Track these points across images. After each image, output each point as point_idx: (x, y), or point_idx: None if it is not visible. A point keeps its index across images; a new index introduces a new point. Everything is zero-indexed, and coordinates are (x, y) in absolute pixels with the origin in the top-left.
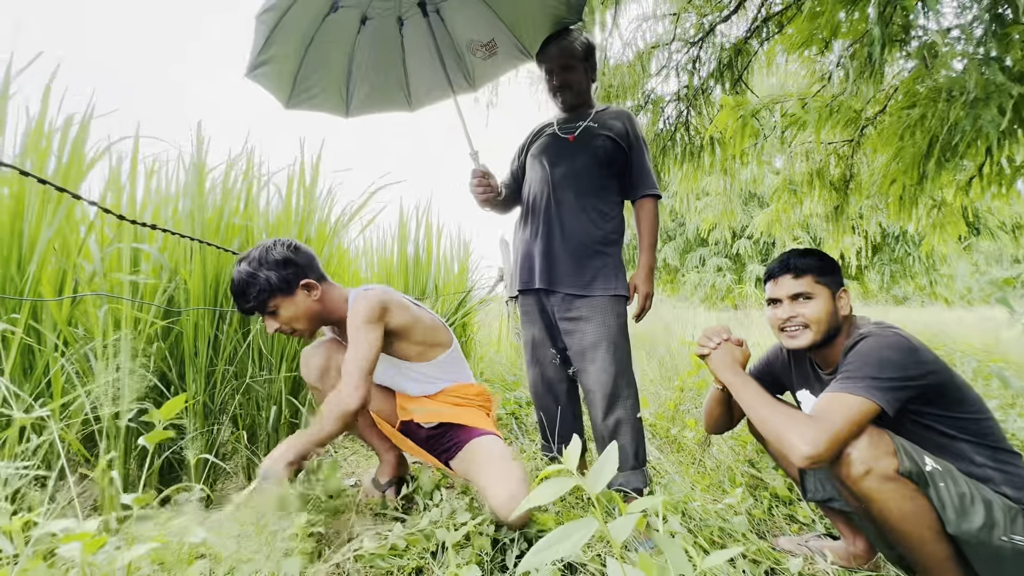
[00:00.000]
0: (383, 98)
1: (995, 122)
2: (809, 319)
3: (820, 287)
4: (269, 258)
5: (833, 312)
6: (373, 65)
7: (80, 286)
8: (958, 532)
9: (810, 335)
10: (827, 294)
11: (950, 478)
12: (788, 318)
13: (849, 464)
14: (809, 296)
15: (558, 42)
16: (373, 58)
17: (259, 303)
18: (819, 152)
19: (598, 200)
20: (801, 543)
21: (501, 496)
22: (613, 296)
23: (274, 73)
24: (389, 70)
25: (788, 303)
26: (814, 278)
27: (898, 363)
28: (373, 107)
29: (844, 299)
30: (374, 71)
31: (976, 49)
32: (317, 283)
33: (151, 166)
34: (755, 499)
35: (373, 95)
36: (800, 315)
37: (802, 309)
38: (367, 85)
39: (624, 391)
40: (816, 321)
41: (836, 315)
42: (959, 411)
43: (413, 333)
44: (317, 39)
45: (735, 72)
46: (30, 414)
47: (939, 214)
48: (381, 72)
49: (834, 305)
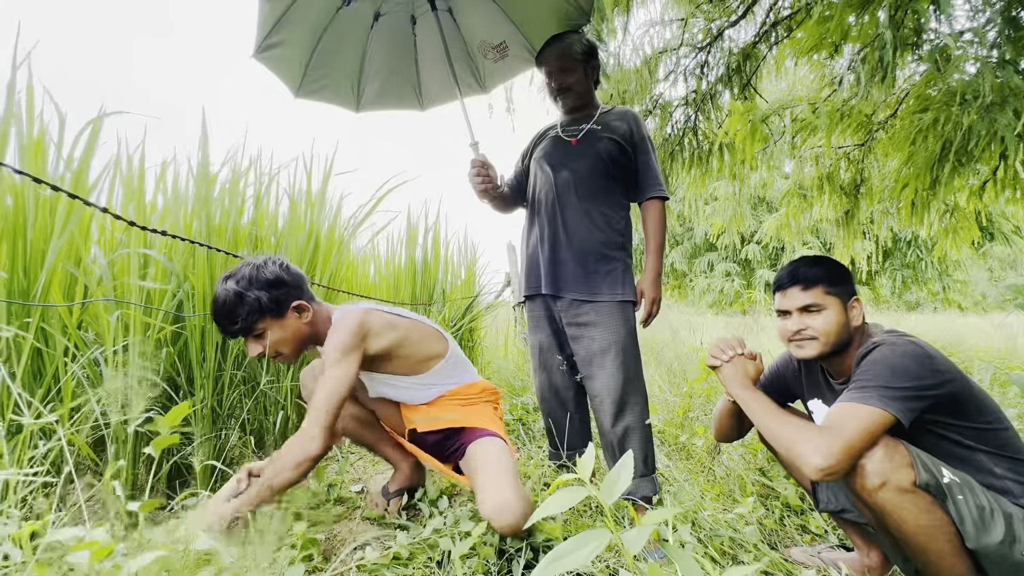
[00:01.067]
0: (395, 96)
1: (1011, 126)
2: (819, 331)
3: (831, 298)
4: (260, 277)
5: (844, 323)
6: (386, 62)
7: (90, 291)
8: (978, 546)
9: (818, 346)
10: (838, 305)
11: (969, 490)
12: (797, 331)
13: (864, 476)
14: (819, 308)
15: (557, 44)
16: (386, 55)
17: (247, 325)
18: (829, 156)
19: (603, 204)
20: (814, 555)
21: (488, 504)
22: (621, 301)
23: (283, 59)
24: (402, 68)
25: (797, 315)
26: (824, 289)
27: (913, 372)
28: (384, 104)
29: (856, 309)
30: (386, 68)
31: (990, 52)
32: (308, 304)
33: (160, 171)
34: (766, 508)
35: (385, 92)
36: (809, 327)
37: (811, 321)
38: (379, 82)
39: (633, 397)
40: (826, 333)
41: (848, 326)
42: (977, 421)
43: (400, 351)
44: (330, 30)
45: (744, 77)
46: (39, 420)
47: (952, 219)
48: (393, 70)
49: (846, 316)
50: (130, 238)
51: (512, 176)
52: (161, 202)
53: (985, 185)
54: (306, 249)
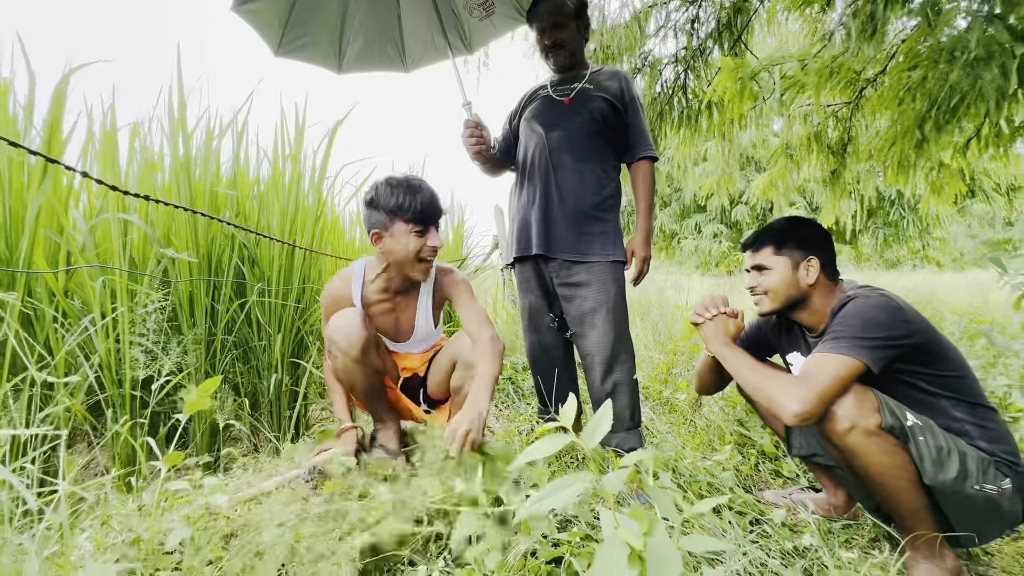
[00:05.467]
0: (378, 56)
1: (995, 83)
2: (768, 288)
3: (778, 258)
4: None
5: (793, 282)
6: (368, 19)
7: (73, 258)
8: (934, 482)
9: (769, 301)
10: (786, 265)
11: (929, 432)
12: (751, 287)
13: (835, 420)
14: (768, 268)
15: (548, 0)
16: (368, 11)
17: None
18: (818, 115)
19: (596, 164)
20: (785, 496)
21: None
22: (612, 262)
23: (263, 12)
24: (384, 27)
25: (752, 273)
26: (773, 250)
27: (883, 322)
28: (367, 65)
29: (809, 269)
30: (369, 26)
31: (980, 7)
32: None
33: (132, 132)
34: (743, 456)
35: (367, 52)
36: (760, 284)
37: (762, 280)
38: (360, 40)
39: (622, 355)
40: (774, 290)
41: (798, 284)
42: (941, 369)
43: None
44: None
45: (734, 32)
46: (54, 379)
47: (938, 175)
48: (376, 28)
49: (794, 275)
50: (108, 203)
51: (500, 137)
52: (136, 168)
53: (969, 143)
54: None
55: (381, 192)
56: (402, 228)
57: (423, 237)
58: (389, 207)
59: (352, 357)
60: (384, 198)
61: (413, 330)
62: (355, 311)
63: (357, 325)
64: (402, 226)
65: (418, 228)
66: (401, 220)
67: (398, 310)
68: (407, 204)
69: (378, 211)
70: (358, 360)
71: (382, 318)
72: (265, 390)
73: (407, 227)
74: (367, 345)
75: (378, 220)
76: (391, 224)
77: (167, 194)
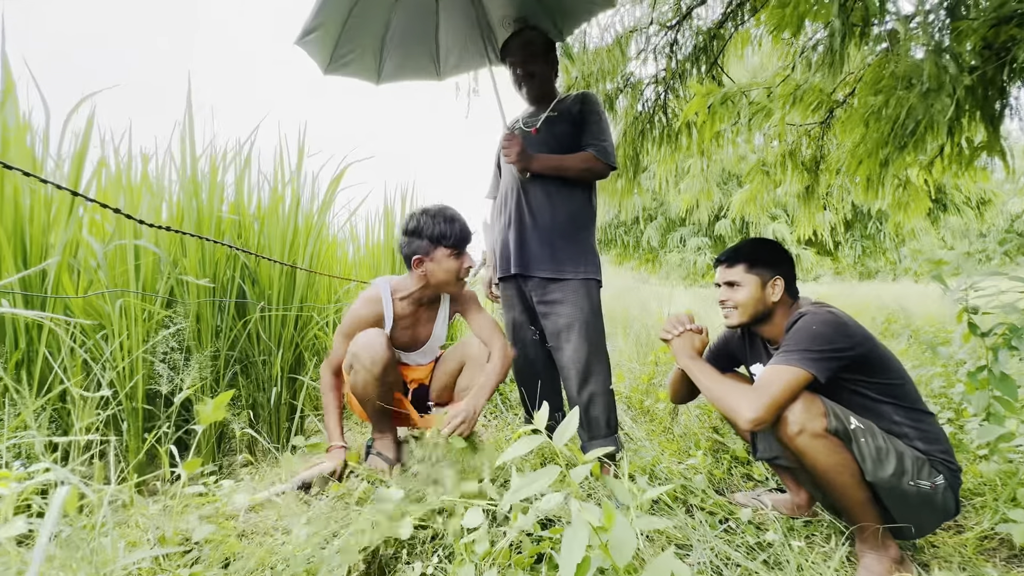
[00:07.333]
0: (414, 67)
1: (944, 112)
2: (738, 303)
3: (750, 276)
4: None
5: (761, 298)
6: (409, 34)
7: (84, 279)
8: (874, 479)
9: (737, 315)
10: (756, 283)
11: (870, 434)
12: (722, 301)
13: (786, 424)
14: (739, 284)
15: (521, 36)
16: (409, 27)
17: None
18: (783, 137)
19: (563, 185)
20: (754, 496)
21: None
22: (584, 279)
23: (319, 40)
24: (423, 40)
25: (724, 288)
26: (744, 268)
27: (828, 336)
28: (404, 76)
29: (775, 288)
30: (410, 40)
31: (932, 39)
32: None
33: (143, 160)
34: (716, 460)
35: (405, 64)
36: (730, 299)
37: (732, 295)
38: (400, 54)
39: (596, 367)
40: (743, 306)
41: (764, 301)
42: (882, 377)
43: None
44: (360, 4)
45: (711, 56)
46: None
47: (904, 193)
48: (415, 42)
49: (762, 292)
50: (122, 229)
51: (493, 175)
52: (147, 196)
53: (933, 161)
54: (286, 232)
55: (423, 223)
56: (443, 253)
57: (460, 259)
58: (433, 235)
59: (374, 374)
60: (427, 228)
61: (430, 338)
62: (378, 331)
63: (381, 345)
64: (444, 251)
65: (457, 251)
66: (443, 247)
67: (420, 322)
68: (448, 232)
69: (420, 239)
70: (378, 377)
71: (405, 332)
72: (265, 402)
73: (448, 252)
74: (388, 364)
75: (419, 247)
76: (433, 250)
77: (177, 220)
